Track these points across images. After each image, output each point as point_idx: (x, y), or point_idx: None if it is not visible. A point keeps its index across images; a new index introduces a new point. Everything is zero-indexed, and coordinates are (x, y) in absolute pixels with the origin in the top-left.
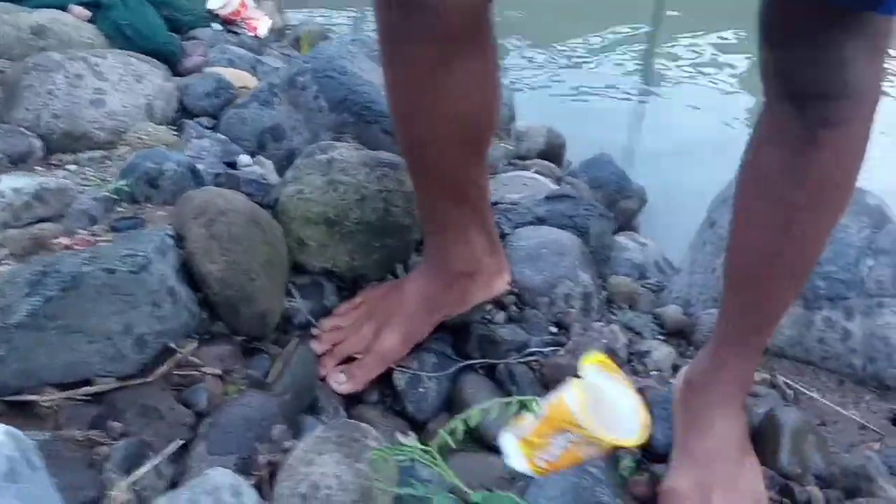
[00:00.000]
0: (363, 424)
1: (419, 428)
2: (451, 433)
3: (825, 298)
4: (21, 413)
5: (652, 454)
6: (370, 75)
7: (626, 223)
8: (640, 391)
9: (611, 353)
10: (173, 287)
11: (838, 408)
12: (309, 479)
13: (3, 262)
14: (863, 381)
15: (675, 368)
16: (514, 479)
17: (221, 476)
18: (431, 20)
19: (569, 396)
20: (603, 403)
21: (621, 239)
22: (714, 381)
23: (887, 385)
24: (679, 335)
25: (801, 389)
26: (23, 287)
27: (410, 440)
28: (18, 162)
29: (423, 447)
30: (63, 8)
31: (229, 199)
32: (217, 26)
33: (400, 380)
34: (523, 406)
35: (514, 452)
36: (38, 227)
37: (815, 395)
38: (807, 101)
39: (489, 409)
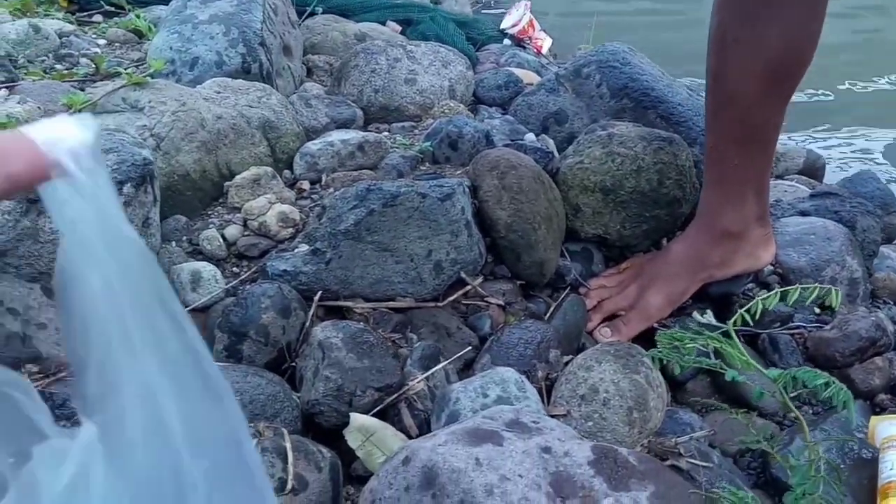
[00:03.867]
0: (636, 345)
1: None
2: (750, 312)
3: None
4: (337, 314)
5: None
6: (648, 68)
7: (888, 239)
8: None
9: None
10: (470, 221)
11: None
12: (588, 383)
13: (332, 195)
14: None
15: None
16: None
17: (509, 372)
18: None
19: None
20: None
21: (886, 249)
22: None
23: None
24: None
25: None
26: (351, 200)
27: (707, 317)
28: (343, 127)
29: (718, 325)
30: (382, 22)
31: (519, 157)
32: (507, 42)
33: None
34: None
35: None
36: (357, 172)
37: None
38: None
39: (790, 292)
